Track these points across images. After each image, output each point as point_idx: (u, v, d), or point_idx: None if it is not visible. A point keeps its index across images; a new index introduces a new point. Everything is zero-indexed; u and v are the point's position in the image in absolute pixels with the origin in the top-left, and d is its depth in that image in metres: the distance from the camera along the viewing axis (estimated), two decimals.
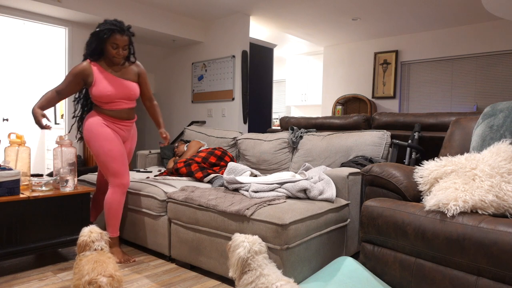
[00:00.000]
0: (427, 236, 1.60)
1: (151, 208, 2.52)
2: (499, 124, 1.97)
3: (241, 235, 1.65)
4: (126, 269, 2.34)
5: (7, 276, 2.19)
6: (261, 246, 1.61)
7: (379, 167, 2.00)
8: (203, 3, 4.69)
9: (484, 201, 1.55)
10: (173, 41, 5.51)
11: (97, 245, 1.75)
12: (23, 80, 5.59)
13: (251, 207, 1.97)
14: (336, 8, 4.82)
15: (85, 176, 3.17)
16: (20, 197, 2.15)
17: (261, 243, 1.61)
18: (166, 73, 6.17)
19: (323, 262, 2.11)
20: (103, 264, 1.64)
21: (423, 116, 2.82)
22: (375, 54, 6.28)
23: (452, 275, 1.54)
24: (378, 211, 1.80)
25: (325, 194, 2.19)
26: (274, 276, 1.55)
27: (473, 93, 5.46)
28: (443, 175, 1.77)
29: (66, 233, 2.38)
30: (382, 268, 1.80)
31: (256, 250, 1.58)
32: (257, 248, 1.58)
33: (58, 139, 2.46)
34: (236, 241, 1.63)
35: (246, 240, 1.60)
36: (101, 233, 1.79)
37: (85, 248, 1.73)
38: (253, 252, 1.57)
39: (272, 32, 6.04)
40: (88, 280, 1.57)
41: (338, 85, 6.79)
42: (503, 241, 1.39)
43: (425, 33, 5.81)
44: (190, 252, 2.30)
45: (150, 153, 3.87)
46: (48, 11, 4.15)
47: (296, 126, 3.44)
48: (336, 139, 2.83)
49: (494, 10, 4.15)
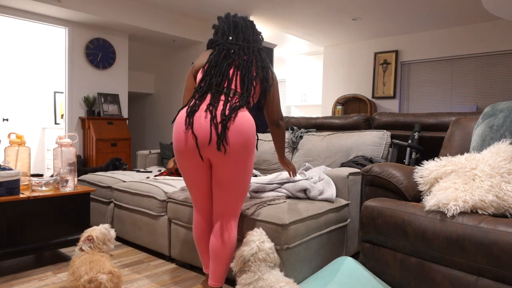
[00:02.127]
0: (427, 236, 1.60)
1: (151, 208, 2.52)
2: (499, 124, 1.97)
3: (259, 234, 1.65)
4: (126, 269, 2.34)
5: (7, 276, 2.19)
6: (268, 256, 1.59)
7: (379, 167, 2.00)
8: (203, 3, 4.69)
9: (484, 201, 1.55)
10: (173, 41, 5.51)
11: (85, 246, 1.77)
12: (23, 80, 5.59)
13: (251, 207, 1.97)
14: (336, 8, 4.82)
15: (85, 176, 3.17)
16: (20, 197, 2.15)
17: (269, 254, 1.60)
18: (166, 73, 6.17)
19: (323, 262, 2.11)
20: (99, 262, 1.65)
21: (423, 116, 2.82)
22: (375, 54, 6.28)
23: (452, 275, 1.54)
24: (378, 211, 1.80)
25: (325, 194, 2.19)
26: (273, 279, 1.55)
27: (473, 93, 5.46)
28: (443, 175, 1.77)
29: (66, 233, 2.37)
30: (382, 268, 1.80)
31: (260, 257, 1.58)
32: (261, 256, 1.58)
33: (58, 139, 2.47)
34: (250, 237, 1.64)
35: (258, 243, 1.60)
36: (105, 235, 1.83)
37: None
38: (256, 258, 1.57)
39: (272, 32, 6.04)
40: (88, 279, 1.57)
41: (338, 85, 6.79)
42: (503, 241, 1.39)
43: (425, 33, 5.81)
44: (190, 252, 2.30)
45: (150, 153, 3.87)
46: (48, 11, 4.15)
47: (296, 126, 3.43)
48: (336, 139, 2.83)
49: (494, 10, 4.15)
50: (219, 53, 1.81)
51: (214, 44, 1.88)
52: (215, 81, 1.73)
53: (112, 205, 2.85)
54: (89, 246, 1.77)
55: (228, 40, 1.86)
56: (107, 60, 4.92)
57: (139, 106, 6.72)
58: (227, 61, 1.78)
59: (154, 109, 6.42)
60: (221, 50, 1.82)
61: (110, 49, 4.95)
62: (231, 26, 1.88)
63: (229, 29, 1.87)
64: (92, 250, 1.76)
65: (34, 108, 5.72)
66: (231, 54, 1.80)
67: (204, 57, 1.87)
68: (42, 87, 5.79)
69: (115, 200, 2.81)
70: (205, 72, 1.78)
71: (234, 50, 1.82)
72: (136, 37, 5.28)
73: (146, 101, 6.57)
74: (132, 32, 5.06)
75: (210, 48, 1.91)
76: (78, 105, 4.71)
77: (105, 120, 4.73)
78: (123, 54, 5.11)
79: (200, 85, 1.76)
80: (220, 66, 1.77)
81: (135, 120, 6.75)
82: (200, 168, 1.72)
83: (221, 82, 1.74)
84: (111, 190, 2.87)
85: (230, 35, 1.87)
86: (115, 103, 4.97)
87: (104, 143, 4.60)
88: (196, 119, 1.65)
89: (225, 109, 1.65)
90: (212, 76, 1.76)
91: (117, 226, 2.80)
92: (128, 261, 2.48)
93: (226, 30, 1.88)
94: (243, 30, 1.88)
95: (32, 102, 5.70)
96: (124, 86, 5.14)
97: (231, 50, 1.81)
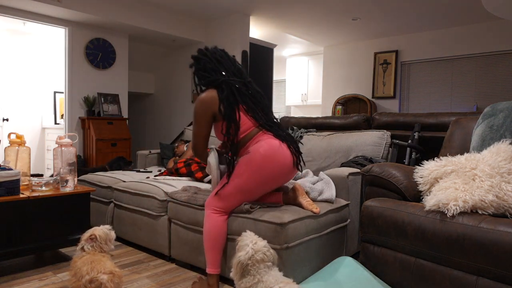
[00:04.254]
0: (427, 236, 1.60)
1: (151, 208, 2.52)
2: (499, 124, 1.97)
3: (250, 236, 1.62)
4: (126, 269, 2.34)
5: (7, 276, 2.19)
6: (265, 255, 1.56)
7: (379, 167, 2.00)
8: (203, 3, 4.69)
9: (484, 201, 1.55)
10: (173, 41, 5.51)
11: (87, 246, 1.77)
12: (23, 80, 5.59)
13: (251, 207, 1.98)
14: (336, 8, 4.82)
15: (85, 176, 3.17)
16: (20, 197, 2.15)
17: (265, 252, 1.57)
18: (166, 73, 6.17)
19: (323, 262, 2.11)
20: (101, 262, 1.65)
21: (423, 116, 2.82)
22: (375, 54, 6.28)
23: (452, 275, 1.54)
24: (378, 211, 1.80)
25: (324, 194, 2.18)
26: (272, 280, 1.54)
27: (473, 93, 5.46)
28: (443, 175, 1.77)
29: (66, 233, 2.37)
30: (382, 268, 1.80)
31: (257, 259, 1.55)
32: (259, 257, 1.55)
33: (58, 139, 2.47)
34: (242, 242, 1.60)
35: (251, 245, 1.56)
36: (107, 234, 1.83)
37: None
38: (255, 260, 1.54)
39: (272, 32, 6.04)
40: (89, 279, 1.58)
41: (338, 85, 6.79)
42: (503, 241, 1.39)
43: (425, 33, 5.81)
44: (190, 252, 2.30)
45: (150, 153, 3.87)
46: (48, 11, 4.15)
47: (296, 126, 3.43)
48: (336, 139, 2.83)
49: (494, 10, 4.15)
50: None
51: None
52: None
53: (112, 205, 2.85)
54: (91, 246, 1.77)
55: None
56: (107, 60, 4.92)
57: (139, 106, 6.73)
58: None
59: (154, 109, 6.42)
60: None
61: (110, 49, 4.95)
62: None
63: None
64: (94, 250, 1.76)
65: (34, 108, 5.72)
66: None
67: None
68: (42, 87, 5.79)
69: (115, 200, 2.81)
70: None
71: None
72: (136, 37, 5.28)
73: (146, 101, 6.57)
74: (132, 32, 5.06)
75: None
76: (78, 105, 4.71)
77: (105, 120, 4.73)
78: (123, 54, 5.11)
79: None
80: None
81: (135, 120, 6.75)
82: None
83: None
84: (111, 190, 2.87)
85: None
86: (115, 103, 4.97)
87: (104, 143, 4.60)
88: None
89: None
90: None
91: (117, 226, 2.79)
92: (128, 261, 2.48)
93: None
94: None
95: (32, 102, 5.70)
96: (124, 86, 5.14)
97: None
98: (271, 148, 1.89)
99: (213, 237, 1.95)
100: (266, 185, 1.94)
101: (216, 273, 1.95)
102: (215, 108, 1.93)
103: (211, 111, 1.94)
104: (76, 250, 1.82)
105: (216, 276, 1.94)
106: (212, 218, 1.97)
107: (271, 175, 1.90)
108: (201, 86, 2.05)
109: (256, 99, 2.01)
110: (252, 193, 1.96)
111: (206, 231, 1.97)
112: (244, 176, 1.90)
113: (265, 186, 1.94)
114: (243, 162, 1.91)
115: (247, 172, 1.89)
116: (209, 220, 1.97)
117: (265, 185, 1.94)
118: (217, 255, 1.96)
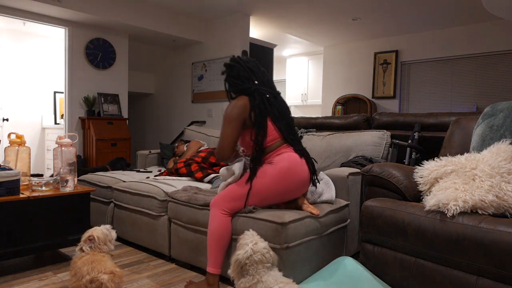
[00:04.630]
0: (427, 236, 1.60)
1: (151, 208, 2.52)
2: (499, 124, 1.97)
3: (251, 236, 1.63)
4: (126, 269, 2.34)
5: (7, 276, 2.19)
6: (264, 256, 1.56)
7: (379, 167, 2.00)
8: (203, 3, 4.69)
9: (484, 201, 1.55)
10: (173, 41, 5.51)
11: (85, 247, 1.77)
12: (23, 80, 5.59)
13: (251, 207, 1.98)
14: (336, 8, 4.82)
15: (85, 176, 3.17)
16: (20, 197, 2.15)
17: (265, 254, 1.57)
18: (166, 73, 6.17)
19: (323, 262, 2.11)
20: (101, 262, 1.65)
21: (423, 116, 2.82)
22: (375, 54, 6.28)
23: (452, 275, 1.54)
24: (378, 211, 1.80)
25: (324, 196, 2.18)
26: (272, 280, 1.54)
27: (473, 93, 5.46)
28: (443, 175, 1.77)
29: (66, 233, 2.37)
30: (382, 268, 1.80)
31: (256, 260, 1.55)
32: (257, 258, 1.55)
33: (58, 139, 2.47)
34: (243, 241, 1.61)
35: (251, 245, 1.57)
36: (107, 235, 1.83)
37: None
38: (253, 261, 1.54)
39: (272, 32, 6.04)
40: (90, 279, 1.58)
41: (338, 85, 6.79)
42: (503, 241, 1.39)
43: (425, 33, 5.81)
44: (190, 252, 2.30)
45: (150, 153, 3.87)
46: (48, 11, 4.15)
47: (296, 126, 3.44)
48: (336, 139, 2.83)
49: (494, 10, 4.15)
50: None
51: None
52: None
53: (112, 205, 2.85)
54: (90, 246, 1.77)
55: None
56: (107, 60, 4.92)
57: (139, 106, 6.72)
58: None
59: (154, 109, 6.42)
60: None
61: (110, 49, 4.95)
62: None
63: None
64: (93, 251, 1.76)
65: (34, 108, 5.72)
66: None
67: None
68: (42, 87, 5.79)
69: (115, 200, 2.81)
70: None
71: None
72: (136, 37, 5.28)
73: (146, 101, 6.57)
74: (132, 32, 5.05)
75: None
76: (78, 105, 4.71)
77: (105, 120, 4.73)
78: (123, 54, 5.11)
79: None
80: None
81: (135, 120, 6.75)
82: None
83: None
84: (111, 190, 2.87)
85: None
86: (115, 103, 4.97)
87: (104, 143, 4.59)
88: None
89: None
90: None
91: (117, 226, 2.79)
92: (128, 261, 2.48)
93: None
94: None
95: (32, 102, 5.69)
96: (124, 86, 5.14)
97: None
98: (295, 162, 1.98)
99: (219, 237, 1.95)
100: (284, 196, 2.01)
101: (217, 273, 1.95)
102: (246, 115, 1.99)
103: (243, 116, 1.99)
104: (75, 251, 1.82)
105: (217, 276, 1.94)
106: (220, 218, 1.97)
107: (290, 187, 1.97)
108: (231, 93, 2.12)
109: (282, 111, 2.08)
110: (268, 200, 2.01)
111: (212, 231, 1.97)
112: (266, 183, 1.95)
113: (283, 196, 2.01)
114: (268, 171, 1.96)
115: (270, 181, 1.94)
116: (216, 220, 1.97)
117: (283, 195, 2.00)
118: (220, 255, 1.96)
